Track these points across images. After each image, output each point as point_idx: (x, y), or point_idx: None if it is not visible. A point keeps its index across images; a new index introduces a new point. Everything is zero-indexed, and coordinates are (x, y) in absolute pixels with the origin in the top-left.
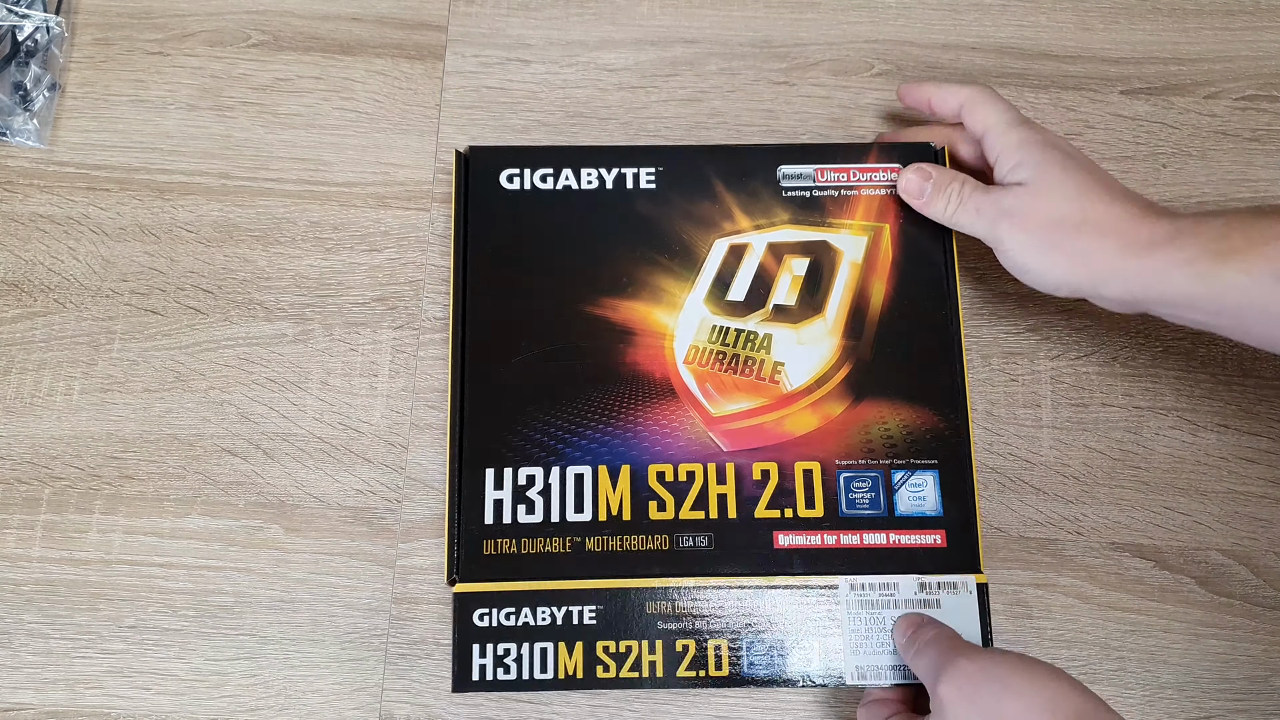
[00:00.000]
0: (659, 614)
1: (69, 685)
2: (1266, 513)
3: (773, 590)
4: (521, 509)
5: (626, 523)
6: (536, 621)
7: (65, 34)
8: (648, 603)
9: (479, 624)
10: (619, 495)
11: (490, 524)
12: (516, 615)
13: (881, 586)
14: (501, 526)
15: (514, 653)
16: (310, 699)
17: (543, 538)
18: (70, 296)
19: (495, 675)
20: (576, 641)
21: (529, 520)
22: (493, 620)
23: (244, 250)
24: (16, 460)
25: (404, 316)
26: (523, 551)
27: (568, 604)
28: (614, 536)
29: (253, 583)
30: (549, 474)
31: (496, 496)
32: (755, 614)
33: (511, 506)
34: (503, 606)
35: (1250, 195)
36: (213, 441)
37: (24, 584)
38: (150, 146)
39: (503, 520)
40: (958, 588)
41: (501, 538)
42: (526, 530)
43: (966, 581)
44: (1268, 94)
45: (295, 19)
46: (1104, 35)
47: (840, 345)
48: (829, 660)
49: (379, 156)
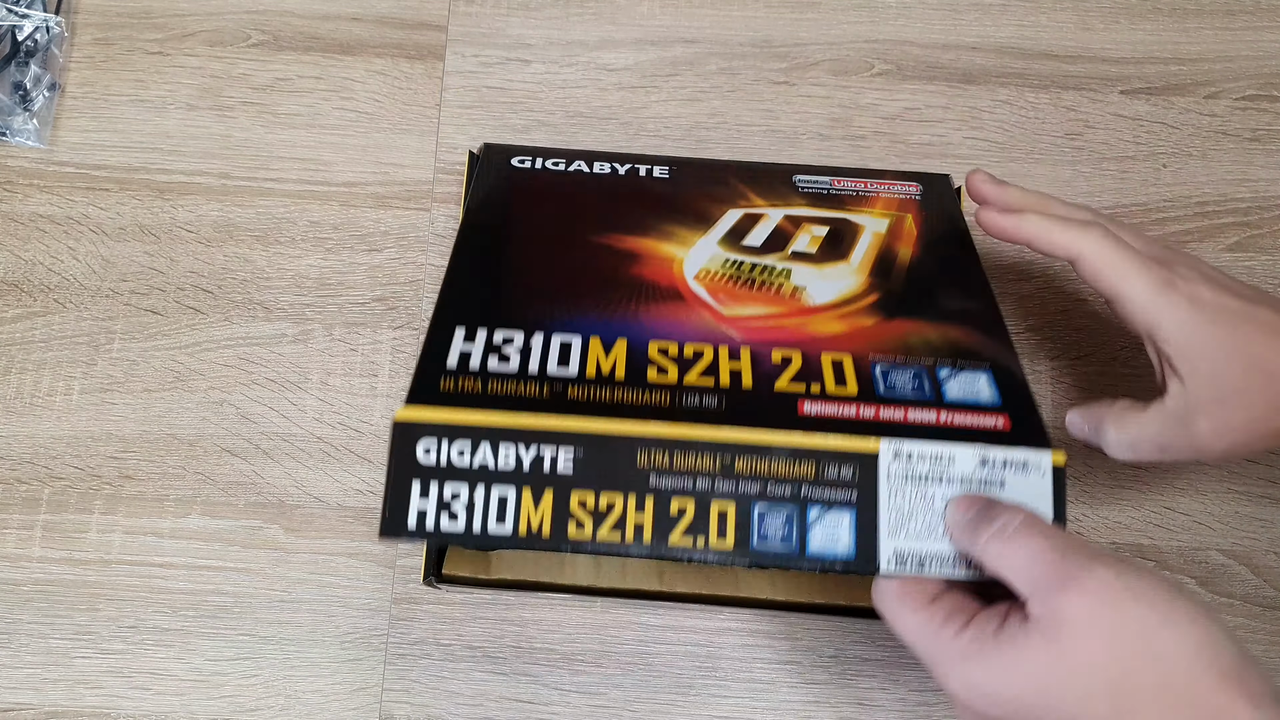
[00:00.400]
0: (653, 466)
1: (69, 685)
2: (1267, 513)
3: (796, 452)
4: (494, 359)
5: (620, 381)
6: (498, 463)
7: (65, 34)
8: (640, 451)
9: (423, 460)
10: (612, 359)
11: (454, 368)
12: (472, 452)
13: (934, 458)
14: (467, 372)
15: (465, 498)
16: (310, 699)
17: (517, 381)
18: (70, 296)
19: (438, 523)
20: (546, 489)
21: (501, 370)
22: (441, 456)
23: (244, 250)
24: (16, 460)
25: (404, 316)
26: (489, 392)
27: (539, 443)
28: (604, 387)
29: (253, 583)
30: (530, 337)
31: (464, 349)
32: (773, 475)
33: (481, 357)
34: (455, 439)
35: (1251, 195)
36: (212, 441)
37: (24, 584)
38: (150, 146)
39: (469, 368)
40: (1028, 468)
41: (464, 377)
42: (497, 377)
43: (1040, 460)
44: (1268, 94)
45: (295, 19)
46: (1104, 35)
47: (867, 281)
48: (860, 540)
49: (379, 156)
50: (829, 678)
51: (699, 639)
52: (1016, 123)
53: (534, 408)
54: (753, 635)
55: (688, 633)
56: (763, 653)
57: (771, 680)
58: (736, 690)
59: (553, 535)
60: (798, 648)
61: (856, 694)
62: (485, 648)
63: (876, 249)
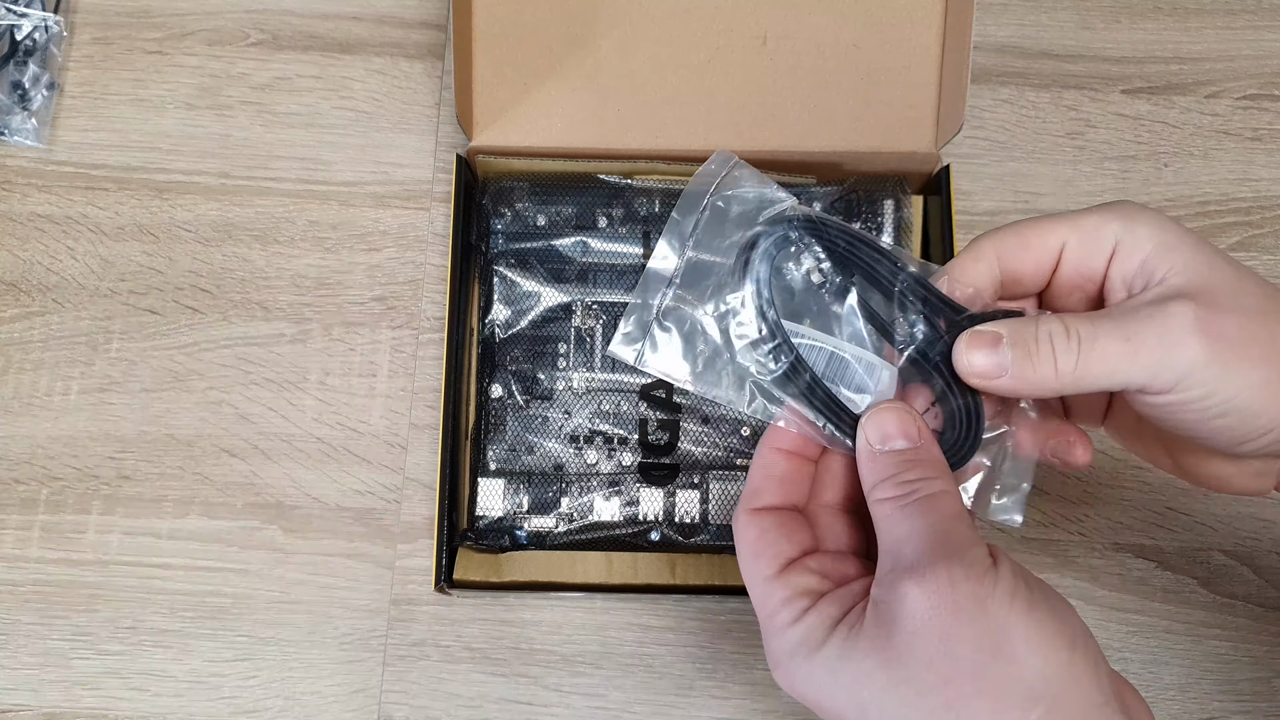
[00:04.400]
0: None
1: (67, 686)
2: (1269, 513)
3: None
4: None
5: None
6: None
7: (64, 33)
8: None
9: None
10: None
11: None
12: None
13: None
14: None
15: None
16: (309, 700)
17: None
18: (68, 296)
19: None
20: None
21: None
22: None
23: (242, 250)
24: (14, 461)
25: (403, 316)
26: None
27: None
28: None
29: (251, 584)
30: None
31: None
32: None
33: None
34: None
35: (1252, 195)
36: (211, 442)
37: (21, 585)
38: (149, 146)
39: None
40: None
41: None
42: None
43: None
44: (1269, 93)
45: (294, 18)
46: (1105, 34)
47: None
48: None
49: (378, 156)
50: None
51: (699, 640)
52: (1017, 122)
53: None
54: (753, 636)
55: (688, 634)
56: (763, 654)
57: (772, 681)
58: (736, 691)
59: None
60: None
61: None
62: (485, 649)
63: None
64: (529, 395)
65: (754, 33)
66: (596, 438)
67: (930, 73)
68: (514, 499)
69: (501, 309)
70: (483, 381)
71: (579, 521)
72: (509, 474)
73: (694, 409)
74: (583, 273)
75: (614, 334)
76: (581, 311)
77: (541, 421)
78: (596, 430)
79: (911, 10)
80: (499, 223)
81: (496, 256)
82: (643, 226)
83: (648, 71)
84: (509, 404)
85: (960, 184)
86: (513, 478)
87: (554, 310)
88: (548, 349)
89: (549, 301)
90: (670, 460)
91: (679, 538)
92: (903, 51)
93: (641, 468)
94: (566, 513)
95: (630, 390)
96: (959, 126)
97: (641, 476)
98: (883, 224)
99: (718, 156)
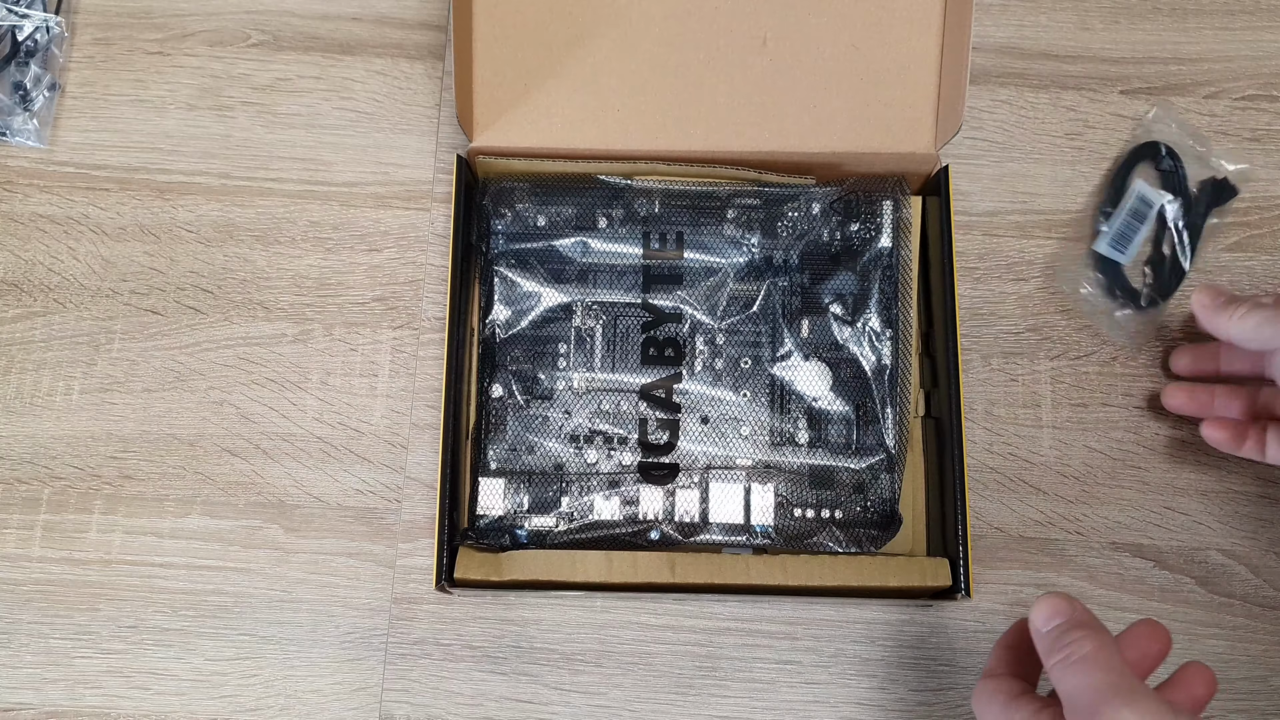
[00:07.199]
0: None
1: (69, 685)
2: (1266, 513)
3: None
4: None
5: None
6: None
7: (65, 34)
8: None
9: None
10: None
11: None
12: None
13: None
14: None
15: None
16: (310, 699)
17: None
18: (70, 296)
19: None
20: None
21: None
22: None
23: (244, 250)
24: (16, 460)
25: (404, 316)
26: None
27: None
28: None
29: (252, 583)
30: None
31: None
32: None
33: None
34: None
35: (1250, 195)
36: (212, 441)
37: (24, 584)
38: (150, 146)
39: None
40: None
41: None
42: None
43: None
44: (1267, 94)
45: (295, 19)
46: (1104, 35)
47: None
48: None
49: (379, 156)
50: (829, 678)
51: (699, 639)
52: (1016, 122)
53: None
54: (753, 635)
55: (688, 632)
56: (763, 653)
57: (772, 680)
58: (736, 690)
59: None
60: (798, 648)
61: (856, 694)
62: (485, 647)
63: None
64: (529, 395)
65: (754, 33)
66: (596, 437)
67: (929, 74)
68: (514, 498)
69: (502, 309)
70: (483, 381)
71: (579, 521)
72: (509, 473)
73: (693, 408)
74: (583, 273)
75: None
76: (581, 312)
77: (542, 421)
78: (596, 430)
79: (910, 11)
80: (499, 223)
81: (497, 257)
82: (643, 227)
83: (648, 72)
84: (509, 404)
85: (959, 184)
86: (513, 477)
87: (554, 310)
88: (548, 349)
89: (549, 302)
90: (670, 460)
91: (679, 537)
92: (902, 53)
93: (641, 467)
94: (567, 512)
95: (630, 390)
96: (958, 127)
97: (641, 476)
98: (881, 224)
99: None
